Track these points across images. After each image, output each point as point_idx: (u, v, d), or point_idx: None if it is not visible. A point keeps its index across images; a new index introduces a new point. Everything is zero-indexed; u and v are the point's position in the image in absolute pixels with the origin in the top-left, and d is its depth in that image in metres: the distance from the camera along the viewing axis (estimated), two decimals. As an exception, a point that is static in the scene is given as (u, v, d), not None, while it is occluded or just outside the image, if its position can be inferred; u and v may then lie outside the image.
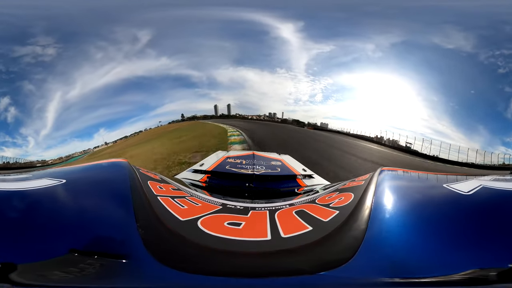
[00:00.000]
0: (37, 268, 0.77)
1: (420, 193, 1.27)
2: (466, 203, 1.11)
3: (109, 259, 0.81)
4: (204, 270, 0.79)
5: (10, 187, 1.22)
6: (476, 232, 0.91)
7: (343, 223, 0.97)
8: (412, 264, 0.79)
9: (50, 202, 1.08)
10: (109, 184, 1.27)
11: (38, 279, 0.75)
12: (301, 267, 0.82)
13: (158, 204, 1.09)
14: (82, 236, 0.88)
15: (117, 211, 1.02)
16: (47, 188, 1.14)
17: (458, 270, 0.76)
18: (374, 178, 1.30)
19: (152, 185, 1.29)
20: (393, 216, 0.99)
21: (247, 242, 0.89)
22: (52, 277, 0.76)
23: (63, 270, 0.76)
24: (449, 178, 1.57)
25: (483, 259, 0.80)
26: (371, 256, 0.82)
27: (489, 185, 1.27)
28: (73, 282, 0.75)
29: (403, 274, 0.77)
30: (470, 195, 1.12)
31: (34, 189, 1.15)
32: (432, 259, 0.80)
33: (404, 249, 0.83)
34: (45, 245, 0.83)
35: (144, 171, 1.53)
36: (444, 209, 1.07)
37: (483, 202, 1.12)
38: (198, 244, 0.87)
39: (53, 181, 1.19)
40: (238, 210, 1.16)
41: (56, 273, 0.76)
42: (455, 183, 1.31)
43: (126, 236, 0.88)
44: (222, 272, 0.79)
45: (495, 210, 1.04)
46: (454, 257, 0.81)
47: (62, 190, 1.15)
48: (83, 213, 1.01)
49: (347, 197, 1.20)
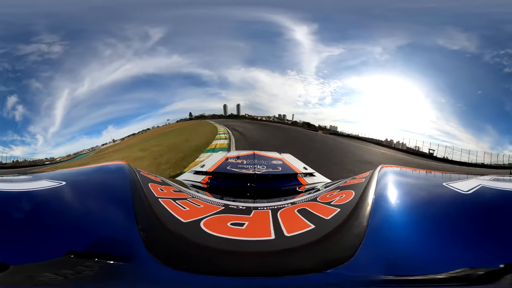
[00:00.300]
0: (30, 270, 0.76)
1: (421, 191, 1.28)
2: (465, 202, 1.12)
3: (110, 261, 0.80)
4: (210, 271, 0.79)
5: (9, 188, 1.22)
6: (475, 231, 0.92)
7: (344, 221, 0.98)
8: (413, 262, 0.80)
9: (48, 203, 1.08)
10: (109, 186, 1.26)
11: (29, 280, 0.75)
12: (307, 266, 0.82)
13: (159, 206, 1.09)
14: (82, 238, 0.88)
15: (118, 213, 1.01)
16: (46, 190, 1.13)
17: (458, 269, 0.77)
18: (375, 176, 1.31)
19: (153, 187, 1.29)
20: (394, 213, 1.00)
21: (251, 242, 0.89)
22: (46, 279, 0.75)
23: (58, 272, 0.76)
24: (449, 176, 1.58)
25: (482, 257, 0.81)
26: (373, 254, 0.83)
27: (488, 184, 1.28)
28: (72, 285, 0.75)
29: (404, 272, 0.78)
30: (469, 194, 1.13)
31: (33, 191, 1.14)
32: (433, 257, 0.80)
33: (405, 247, 0.84)
34: (42, 246, 0.83)
35: (145, 173, 1.53)
36: (444, 207, 1.08)
37: (482, 201, 1.13)
38: (202, 245, 0.87)
39: (52, 183, 1.18)
40: (240, 210, 1.16)
41: (51, 275, 0.76)
42: (454, 182, 1.32)
43: (127, 238, 0.88)
44: (228, 272, 0.80)
45: (494, 210, 1.05)
46: (454, 255, 0.82)
47: (61, 192, 1.15)
48: (83, 215, 1.00)
49: (348, 194, 1.21)
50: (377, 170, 1.41)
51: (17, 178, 1.47)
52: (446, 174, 1.69)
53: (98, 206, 1.07)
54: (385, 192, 1.14)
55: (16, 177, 1.49)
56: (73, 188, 1.20)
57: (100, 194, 1.17)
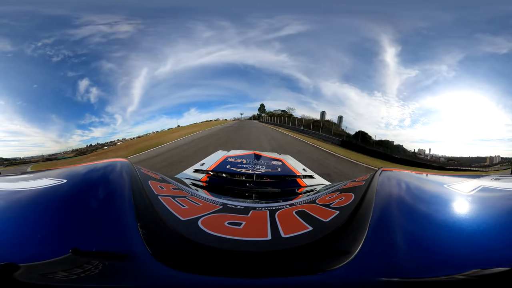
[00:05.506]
0: (40, 268, 0.77)
1: (421, 194, 1.27)
2: (467, 203, 1.11)
3: (110, 259, 0.81)
4: (204, 270, 0.79)
5: (11, 187, 1.22)
6: (477, 232, 0.91)
7: (343, 224, 0.97)
8: (412, 264, 0.79)
9: (50, 202, 1.08)
10: (110, 184, 1.26)
11: (41, 279, 0.75)
12: (301, 267, 0.81)
13: (159, 203, 1.09)
14: (83, 236, 0.88)
15: (118, 211, 1.02)
16: (48, 188, 1.14)
17: (459, 271, 0.76)
18: (375, 179, 1.30)
19: (153, 185, 1.30)
20: (394, 216, 0.99)
21: (247, 242, 0.89)
22: (55, 277, 0.76)
23: (65, 270, 0.77)
24: (450, 178, 1.57)
25: (484, 259, 0.80)
26: (372, 257, 0.82)
27: (489, 185, 1.27)
28: (75, 282, 0.75)
29: (403, 275, 0.77)
30: (471, 195, 1.12)
31: (35, 189, 1.15)
32: (433, 260, 0.80)
33: (405, 250, 0.83)
34: (47, 245, 0.84)
35: (145, 170, 1.53)
36: (446, 209, 1.07)
37: (483, 202, 1.12)
38: (199, 243, 0.87)
39: (53, 181, 1.19)
40: (238, 209, 1.16)
41: (59, 273, 0.76)
42: (455, 184, 1.32)
43: (127, 236, 0.89)
44: (222, 272, 0.79)
45: (496, 210, 1.04)
46: (455, 257, 0.81)
47: (62, 190, 1.16)
48: (83, 213, 1.01)
49: (347, 197, 1.20)
50: (378, 173, 1.40)
51: (19, 177, 1.47)
52: (446, 176, 1.68)
53: (99, 204, 1.08)
54: (385, 195, 1.13)
55: (18, 176, 1.49)
56: (74, 186, 1.21)
57: (101, 192, 1.17)
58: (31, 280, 0.74)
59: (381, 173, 1.39)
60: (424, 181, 1.60)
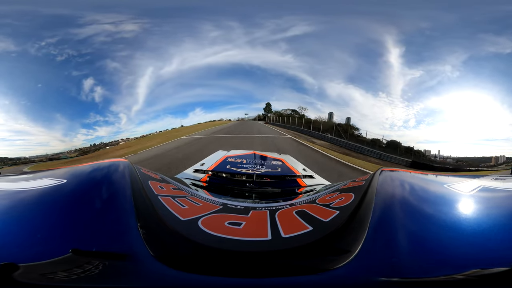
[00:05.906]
0: (40, 268, 0.77)
1: (421, 194, 1.27)
2: (467, 203, 1.11)
3: (110, 259, 0.81)
4: (204, 270, 0.79)
5: (11, 187, 1.23)
6: (477, 232, 0.91)
7: (343, 224, 0.97)
8: (412, 264, 0.79)
9: (50, 202, 1.09)
10: (110, 184, 1.27)
11: (41, 279, 0.75)
12: (301, 267, 0.81)
13: (159, 204, 1.09)
14: (84, 236, 0.88)
15: (118, 211, 1.02)
16: (48, 188, 1.14)
17: (459, 270, 0.76)
18: (375, 179, 1.30)
19: (153, 185, 1.30)
20: (394, 216, 0.99)
21: (247, 242, 0.89)
22: (55, 277, 0.76)
23: (65, 270, 0.77)
24: (450, 178, 1.56)
25: (484, 259, 0.80)
26: (372, 256, 0.82)
27: (489, 185, 1.27)
28: (75, 282, 0.75)
29: (403, 274, 0.77)
30: (471, 195, 1.12)
31: (35, 189, 1.16)
32: (433, 259, 0.80)
33: (405, 249, 0.83)
34: (47, 245, 0.84)
35: (145, 170, 1.53)
36: (445, 209, 1.07)
37: (484, 202, 1.11)
38: (199, 243, 0.87)
39: (53, 181, 1.19)
40: (238, 209, 1.16)
41: (59, 273, 0.76)
42: (455, 183, 1.31)
43: (127, 236, 0.89)
44: (222, 272, 0.79)
45: (496, 210, 1.04)
46: (455, 257, 0.81)
47: (62, 190, 1.16)
48: (83, 213, 1.01)
49: (347, 197, 1.20)
50: (377, 173, 1.40)
51: (19, 177, 1.48)
52: (446, 176, 1.67)
53: (99, 204, 1.08)
54: (386, 195, 1.13)
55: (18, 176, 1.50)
56: (75, 186, 1.21)
57: (101, 192, 1.18)
58: (31, 280, 0.74)
59: (381, 173, 1.39)
60: (424, 181, 1.60)
